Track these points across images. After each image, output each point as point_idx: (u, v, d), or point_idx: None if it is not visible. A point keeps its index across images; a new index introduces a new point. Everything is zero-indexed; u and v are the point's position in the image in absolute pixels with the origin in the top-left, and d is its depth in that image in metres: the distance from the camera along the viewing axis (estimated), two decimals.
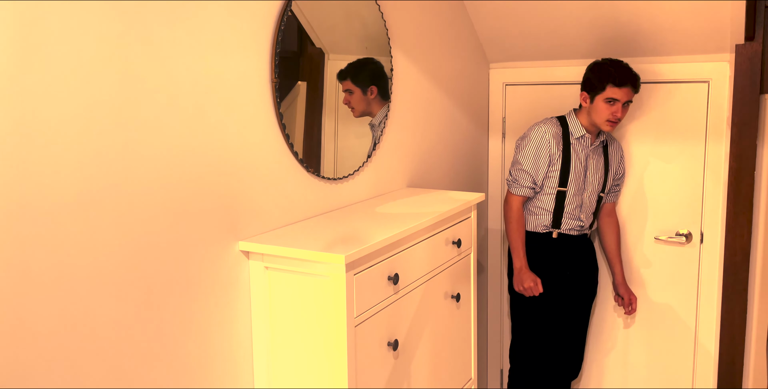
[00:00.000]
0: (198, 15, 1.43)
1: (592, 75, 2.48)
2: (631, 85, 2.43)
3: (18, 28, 1.09)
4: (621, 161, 2.72)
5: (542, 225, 2.60)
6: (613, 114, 2.43)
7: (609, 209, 2.76)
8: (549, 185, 2.55)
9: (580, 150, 2.55)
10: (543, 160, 2.51)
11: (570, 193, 2.55)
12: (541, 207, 2.58)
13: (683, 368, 2.77)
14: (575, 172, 2.53)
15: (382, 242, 1.60)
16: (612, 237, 2.77)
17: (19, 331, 1.13)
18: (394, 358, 1.73)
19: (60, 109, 1.16)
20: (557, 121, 2.56)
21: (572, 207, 2.57)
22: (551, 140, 2.50)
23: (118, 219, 1.29)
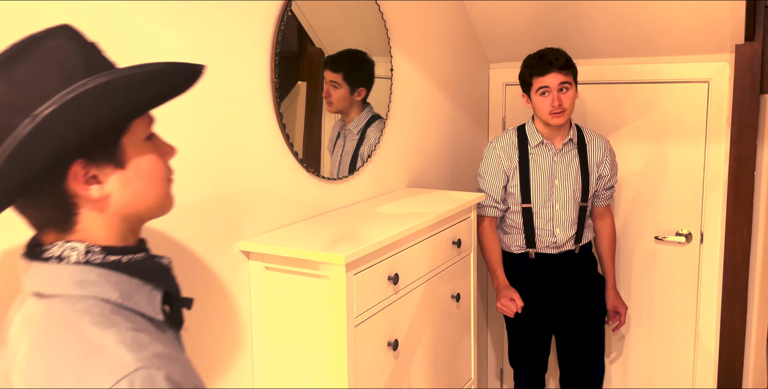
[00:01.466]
0: (197, 15, 1.43)
1: (520, 74, 2.33)
2: (557, 69, 2.21)
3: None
4: (606, 161, 2.41)
5: (515, 245, 2.41)
6: (551, 104, 2.22)
7: (599, 212, 2.54)
8: (512, 202, 2.37)
9: (541, 158, 2.34)
10: (497, 176, 2.34)
11: (536, 207, 2.34)
12: (512, 225, 2.42)
13: (683, 368, 2.77)
14: (538, 183, 2.33)
15: (382, 242, 1.60)
16: (603, 240, 2.55)
17: None
18: (394, 358, 1.73)
19: None
20: (515, 131, 2.39)
21: (543, 222, 2.35)
22: (501, 154, 2.33)
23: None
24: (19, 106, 0.71)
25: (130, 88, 0.74)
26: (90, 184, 0.77)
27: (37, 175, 0.72)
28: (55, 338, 0.72)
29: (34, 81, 0.72)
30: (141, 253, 0.83)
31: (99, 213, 0.79)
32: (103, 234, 0.80)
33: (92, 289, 0.76)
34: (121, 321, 0.75)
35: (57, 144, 0.71)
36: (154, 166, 0.83)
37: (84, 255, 0.77)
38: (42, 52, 0.73)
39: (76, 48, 0.75)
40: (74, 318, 0.73)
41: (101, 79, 0.72)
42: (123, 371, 0.69)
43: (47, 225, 0.79)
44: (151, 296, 0.81)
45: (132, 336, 0.73)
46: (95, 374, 0.69)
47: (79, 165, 0.75)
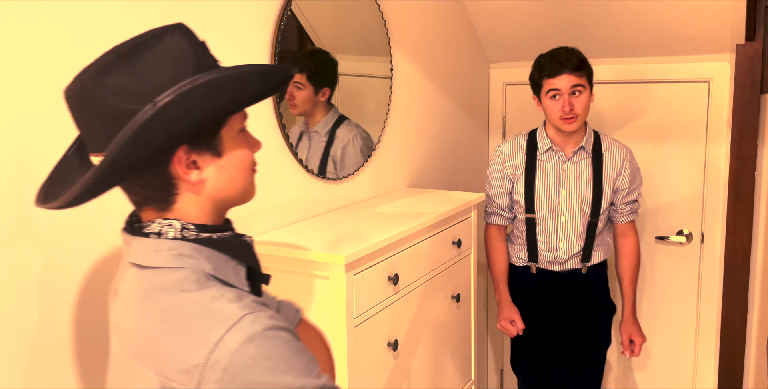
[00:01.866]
0: (197, 15, 1.43)
1: (530, 75, 2.16)
2: (569, 70, 2.04)
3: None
4: (624, 172, 2.20)
5: (518, 257, 2.28)
6: (561, 109, 2.06)
7: (621, 229, 2.31)
8: (518, 210, 2.25)
9: (549, 166, 2.18)
10: (501, 182, 2.24)
11: (540, 218, 2.19)
12: (517, 235, 2.29)
13: (684, 368, 2.77)
14: (543, 192, 2.18)
15: (382, 242, 1.60)
16: (623, 261, 2.32)
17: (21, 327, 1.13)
18: (394, 358, 1.73)
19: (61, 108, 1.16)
20: (525, 136, 2.25)
21: (546, 234, 2.20)
22: (506, 158, 2.22)
23: (118, 218, 1.29)
24: (139, 93, 0.79)
25: (235, 85, 0.83)
26: (190, 168, 0.85)
27: (150, 156, 0.81)
28: (163, 303, 0.81)
29: (151, 72, 0.80)
30: (228, 232, 0.91)
31: (195, 196, 0.87)
32: (196, 214, 0.88)
33: (188, 261, 0.84)
34: (216, 285, 0.83)
35: (170, 130, 0.79)
36: (244, 157, 0.91)
37: (180, 232, 0.86)
38: (160, 47, 0.82)
39: (188, 45, 0.84)
40: (177, 285, 0.82)
41: (212, 75, 0.80)
42: (231, 320, 0.77)
43: (147, 202, 0.87)
44: (237, 270, 0.89)
45: (232, 292, 0.82)
46: (205, 328, 0.77)
47: (183, 150, 0.84)
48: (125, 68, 0.80)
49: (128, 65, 0.80)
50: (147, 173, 0.84)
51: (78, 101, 0.81)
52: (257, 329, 0.77)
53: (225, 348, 0.76)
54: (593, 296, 2.28)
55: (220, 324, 0.77)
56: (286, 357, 0.78)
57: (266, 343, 0.77)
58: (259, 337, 0.77)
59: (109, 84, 0.79)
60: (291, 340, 0.80)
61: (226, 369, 0.75)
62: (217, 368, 0.76)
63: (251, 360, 0.76)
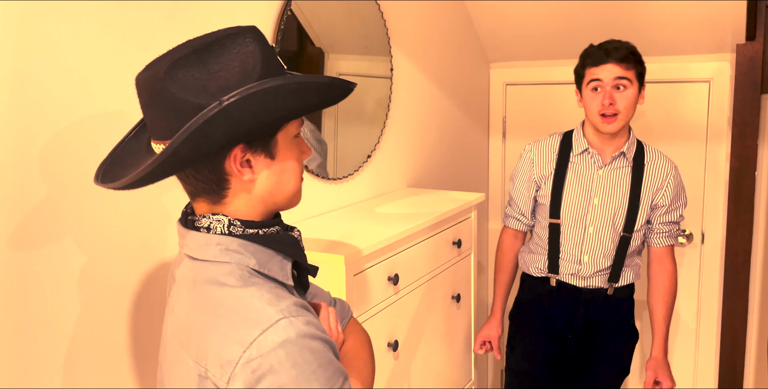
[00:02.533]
0: (197, 14, 1.43)
1: (576, 67, 1.99)
2: (615, 59, 1.85)
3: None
4: (668, 188, 1.97)
5: (536, 267, 2.07)
6: (601, 102, 1.85)
7: (657, 254, 2.06)
8: (541, 215, 2.05)
9: (583, 170, 1.98)
10: (526, 184, 2.05)
11: (566, 225, 1.98)
12: (538, 243, 2.08)
13: (684, 368, 2.77)
14: (572, 197, 1.98)
15: (382, 242, 1.60)
16: (657, 291, 2.05)
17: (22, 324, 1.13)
18: (394, 359, 1.72)
19: (63, 108, 1.16)
20: (559, 136, 2.07)
21: (570, 244, 1.99)
22: (535, 159, 2.03)
23: (119, 219, 1.29)
24: (206, 89, 0.82)
25: (298, 93, 0.85)
26: (244, 167, 0.88)
27: (209, 151, 0.84)
28: (208, 295, 0.85)
29: (220, 70, 0.83)
30: (275, 227, 0.94)
31: (245, 193, 0.90)
32: (245, 210, 0.91)
33: (234, 256, 0.88)
34: (260, 282, 0.86)
35: (231, 129, 0.82)
36: (295, 163, 0.94)
37: (227, 227, 0.89)
38: (232, 48, 0.85)
39: (258, 48, 0.86)
40: (222, 279, 0.85)
41: (278, 81, 0.82)
42: (267, 323, 0.80)
43: (200, 195, 0.91)
44: (282, 264, 0.92)
45: (275, 293, 0.85)
46: (243, 327, 0.80)
47: (239, 149, 0.86)
48: (197, 64, 0.83)
49: (200, 61, 0.83)
50: (203, 167, 0.87)
51: (148, 90, 0.85)
52: (290, 335, 0.79)
53: (257, 350, 0.78)
54: (618, 321, 2.05)
55: (256, 325, 0.80)
56: (312, 368, 0.80)
57: (296, 351, 0.79)
58: (290, 344, 0.79)
59: (179, 77, 0.82)
60: (321, 351, 0.82)
61: (255, 371, 0.78)
62: (248, 368, 0.78)
63: (279, 365, 0.78)
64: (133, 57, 1.29)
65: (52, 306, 1.18)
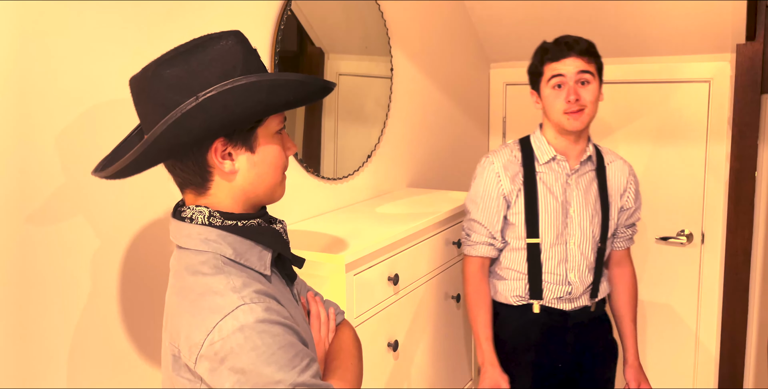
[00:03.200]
0: (198, 14, 1.43)
1: (530, 64, 1.84)
2: (576, 53, 1.72)
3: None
4: (629, 189, 1.89)
5: (515, 294, 1.83)
6: (566, 99, 1.72)
7: (619, 257, 1.98)
8: (513, 236, 1.82)
9: (552, 180, 1.80)
10: (495, 202, 1.80)
11: (546, 243, 1.79)
12: (511, 268, 1.84)
13: (684, 368, 2.77)
14: (549, 212, 1.79)
15: (382, 242, 1.60)
16: (623, 295, 1.96)
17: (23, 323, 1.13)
18: (394, 359, 1.72)
19: (66, 108, 1.16)
20: (517, 145, 1.86)
21: (553, 264, 1.80)
22: (501, 172, 1.80)
23: (118, 219, 1.29)
24: (188, 87, 0.89)
25: (271, 89, 0.91)
26: (225, 159, 0.94)
27: (188, 142, 0.90)
28: (184, 282, 0.92)
29: (203, 70, 0.90)
30: (256, 219, 0.99)
31: (227, 184, 0.96)
32: (227, 202, 0.97)
33: (212, 246, 0.94)
34: (232, 271, 0.92)
35: (208, 122, 0.89)
36: (277, 156, 0.99)
37: (207, 218, 0.95)
38: (214, 49, 0.91)
39: (240, 50, 0.93)
40: (198, 267, 0.92)
41: (252, 78, 0.89)
42: (228, 308, 0.86)
43: (187, 186, 0.97)
44: (262, 254, 0.97)
45: (241, 281, 0.90)
46: (208, 312, 0.86)
47: (220, 142, 0.92)
48: (181, 65, 0.90)
49: (184, 62, 0.90)
50: (187, 159, 0.93)
51: (137, 89, 0.93)
52: (249, 320, 0.85)
53: (218, 334, 0.84)
54: (602, 338, 1.92)
55: (219, 311, 0.86)
56: (271, 350, 0.84)
57: (254, 335, 0.84)
58: (248, 328, 0.84)
59: (165, 76, 0.90)
60: (280, 334, 0.86)
61: (217, 353, 0.84)
62: (210, 351, 0.84)
63: (238, 348, 0.83)
64: (134, 57, 1.29)
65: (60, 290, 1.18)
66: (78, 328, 1.23)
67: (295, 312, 0.99)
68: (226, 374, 0.84)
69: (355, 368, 1.11)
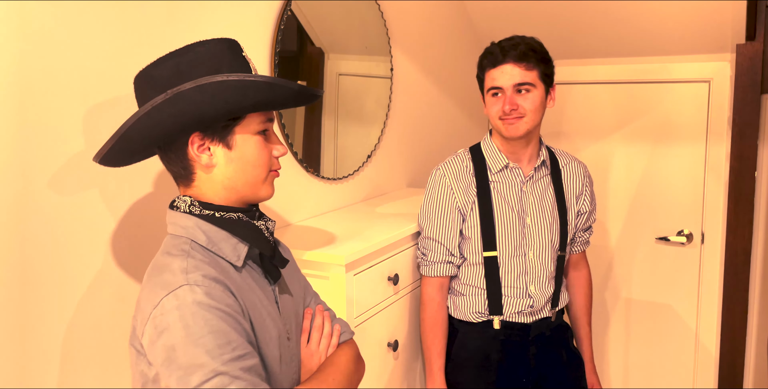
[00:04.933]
0: (198, 14, 1.43)
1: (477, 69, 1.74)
2: (513, 59, 1.62)
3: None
4: (585, 192, 1.83)
5: (475, 311, 1.74)
6: (501, 109, 1.63)
7: (575, 260, 1.92)
8: (470, 250, 1.73)
9: (506, 189, 1.72)
10: (450, 217, 1.71)
11: (504, 256, 1.71)
12: (468, 283, 1.76)
13: (684, 368, 2.77)
14: (505, 223, 1.71)
15: (382, 242, 1.60)
16: (579, 298, 1.91)
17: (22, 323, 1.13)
18: (394, 359, 1.72)
19: (70, 109, 1.16)
20: (468, 153, 1.77)
21: (513, 277, 1.72)
22: (453, 184, 1.71)
23: (120, 218, 1.29)
24: (170, 87, 0.93)
25: (240, 90, 0.94)
26: (202, 152, 0.99)
27: (159, 135, 0.96)
28: (155, 261, 0.98)
29: (190, 70, 0.95)
30: (237, 213, 1.02)
31: (208, 176, 1.01)
32: (210, 195, 1.02)
33: (188, 232, 0.99)
34: (196, 255, 0.96)
35: (178, 116, 0.94)
36: (256, 156, 1.02)
37: (188, 207, 1.01)
38: (202, 52, 0.97)
39: (227, 56, 0.98)
40: (169, 249, 0.98)
41: (219, 78, 0.92)
42: (173, 287, 0.90)
43: (178, 178, 1.04)
44: (237, 247, 1.01)
45: (195, 264, 0.94)
46: (158, 287, 0.91)
47: (197, 136, 0.98)
48: (172, 66, 0.95)
49: (175, 64, 0.95)
50: (171, 152, 1.00)
51: (135, 86, 1.00)
52: (186, 300, 0.88)
53: (159, 309, 0.89)
54: (564, 347, 1.84)
55: (165, 288, 0.90)
56: (201, 333, 0.87)
57: (188, 315, 0.88)
58: (184, 307, 0.88)
59: (154, 76, 0.96)
60: (213, 320, 0.88)
61: (156, 327, 0.89)
62: (152, 324, 0.89)
63: (173, 324, 0.87)
64: (134, 57, 1.29)
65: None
66: (71, 325, 1.23)
67: (262, 309, 1.00)
68: (159, 349, 0.87)
69: (336, 384, 1.08)
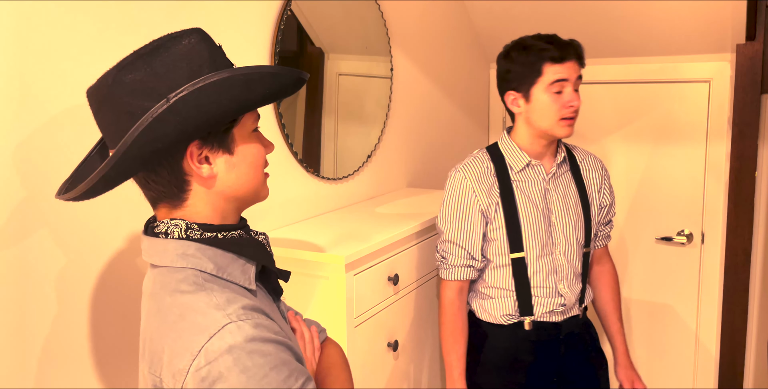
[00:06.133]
0: (198, 14, 1.43)
1: (513, 64, 1.64)
2: (575, 57, 1.61)
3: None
4: (605, 185, 1.80)
5: (504, 313, 1.70)
6: (568, 104, 1.59)
7: (599, 255, 1.89)
8: (495, 253, 1.68)
9: (530, 187, 1.68)
10: (473, 219, 1.66)
11: (532, 256, 1.67)
12: (496, 286, 1.71)
13: (684, 368, 2.77)
14: (531, 222, 1.67)
15: (382, 242, 1.60)
16: (606, 293, 1.88)
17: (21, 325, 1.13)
18: (394, 359, 1.72)
19: (70, 108, 1.16)
20: (485, 154, 1.72)
21: (542, 277, 1.68)
22: (475, 186, 1.66)
23: (119, 220, 1.28)
24: (155, 91, 0.82)
25: (246, 84, 0.85)
26: (202, 163, 0.88)
27: (162, 149, 0.83)
28: (162, 302, 0.85)
29: (168, 72, 0.84)
30: (237, 231, 0.93)
31: (206, 191, 0.89)
32: (206, 212, 0.91)
33: (191, 261, 0.87)
34: (214, 287, 0.85)
35: (182, 125, 0.82)
36: (256, 155, 0.93)
37: (185, 232, 0.88)
38: (177, 49, 0.85)
39: (205, 48, 0.87)
40: (176, 286, 0.85)
41: (224, 74, 0.83)
42: (214, 328, 0.78)
43: (161, 199, 0.90)
44: (245, 268, 0.91)
45: (225, 296, 0.83)
46: (191, 334, 0.79)
47: (195, 145, 0.86)
48: (143, 68, 0.83)
49: (146, 65, 0.83)
50: (161, 169, 0.87)
51: (98, 99, 0.86)
52: (238, 340, 0.78)
53: (205, 357, 0.77)
54: (591, 344, 1.82)
55: (203, 332, 0.79)
56: (263, 372, 0.78)
57: (244, 356, 0.77)
58: (238, 349, 0.77)
59: (127, 82, 0.83)
60: (272, 353, 0.80)
61: (205, 379, 0.77)
62: (197, 376, 0.77)
63: (227, 371, 0.77)
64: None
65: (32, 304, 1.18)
66: (42, 357, 1.23)
67: (285, 328, 0.94)
68: None
69: (348, 384, 1.09)
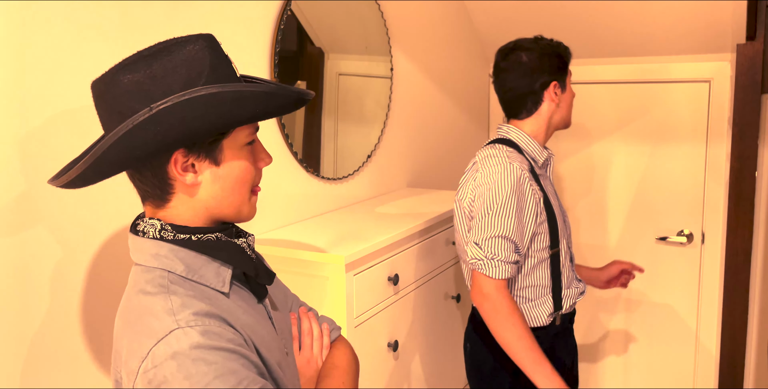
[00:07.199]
0: (198, 14, 1.43)
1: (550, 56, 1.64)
2: None
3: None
4: None
5: (548, 314, 1.64)
6: None
7: None
8: (537, 248, 1.61)
9: (548, 182, 1.70)
10: (533, 211, 1.57)
11: (563, 249, 1.67)
12: (532, 285, 1.64)
13: (684, 368, 2.77)
14: (558, 215, 1.68)
15: (382, 242, 1.60)
16: None
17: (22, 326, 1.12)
18: (394, 359, 1.72)
19: (70, 109, 1.16)
20: (510, 148, 1.65)
21: (567, 271, 1.68)
22: (529, 180, 1.58)
23: (119, 219, 1.28)
24: (148, 94, 0.82)
25: (236, 102, 0.83)
26: (187, 171, 0.87)
27: (140, 156, 0.83)
28: (129, 301, 0.86)
29: (165, 76, 0.83)
30: (215, 233, 0.91)
31: (189, 198, 0.89)
32: (187, 216, 0.90)
33: (162, 261, 0.87)
34: (179, 290, 0.84)
35: (163, 134, 0.81)
36: (244, 171, 0.91)
37: (158, 232, 0.88)
38: (180, 54, 0.84)
39: (208, 55, 0.85)
40: (143, 286, 0.85)
41: (212, 89, 0.82)
42: (162, 333, 0.79)
43: (147, 198, 0.90)
44: (220, 271, 0.90)
45: (181, 301, 0.82)
46: (143, 335, 0.80)
47: (180, 153, 0.85)
48: (143, 70, 0.83)
49: (146, 67, 0.83)
50: (146, 171, 0.86)
51: (96, 94, 0.86)
52: (183, 346, 0.77)
53: (152, 361, 0.78)
54: None
55: (153, 336, 0.79)
56: (207, 380, 0.77)
57: (188, 363, 0.77)
58: (182, 355, 0.77)
59: (124, 82, 0.82)
60: (218, 362, 0.78)
61: (150, 382, 0.78)
62: (145, 378, 0.78)
63: (171, 376, 0.77)
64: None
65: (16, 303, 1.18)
66: (32, 346, 1.23)
67: (261, 330, 0.92)
68: None
69: (349, 385, 1.05)
